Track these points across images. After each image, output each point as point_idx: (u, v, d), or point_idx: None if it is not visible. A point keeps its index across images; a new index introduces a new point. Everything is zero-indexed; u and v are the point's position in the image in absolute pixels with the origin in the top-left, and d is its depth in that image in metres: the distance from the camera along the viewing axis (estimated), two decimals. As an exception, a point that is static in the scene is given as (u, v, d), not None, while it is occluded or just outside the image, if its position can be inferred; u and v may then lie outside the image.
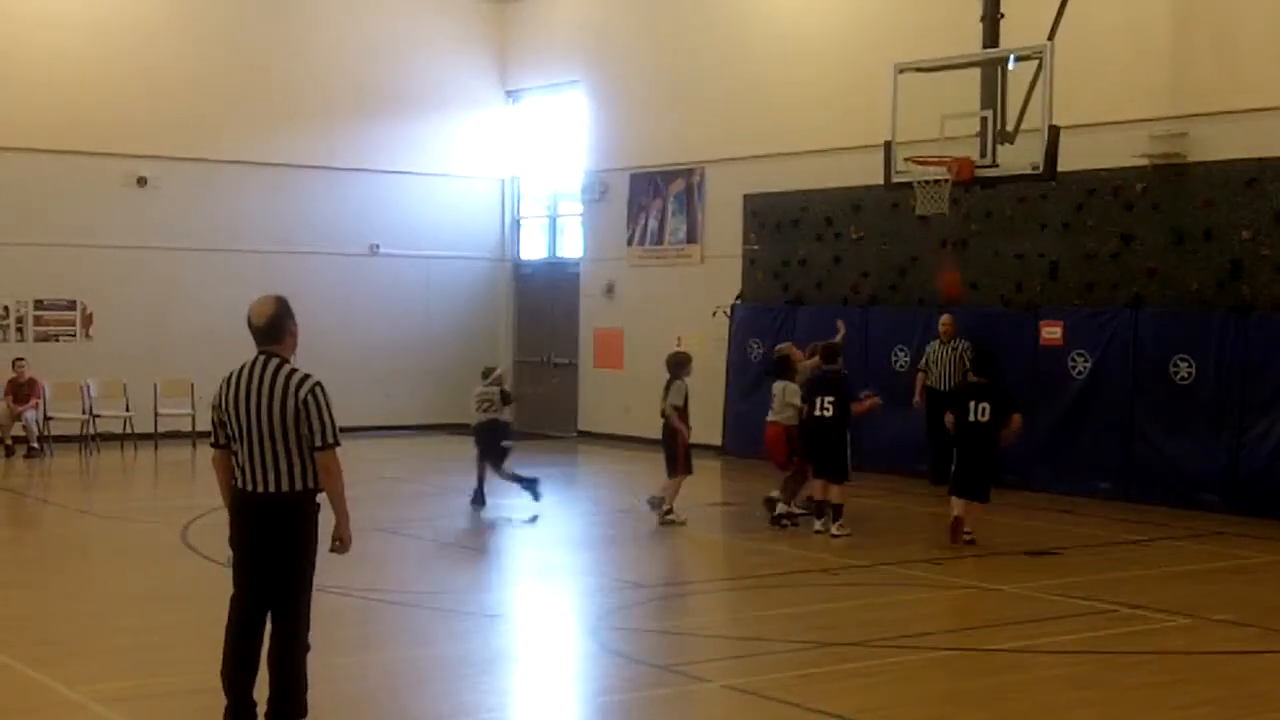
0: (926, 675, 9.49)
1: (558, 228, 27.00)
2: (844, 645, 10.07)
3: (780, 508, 15.11)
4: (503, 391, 17.33)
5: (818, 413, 14.78)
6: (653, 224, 24.20)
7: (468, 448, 17.06)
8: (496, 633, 10.86)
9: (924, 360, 18.66)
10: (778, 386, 15.35)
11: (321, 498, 7.64)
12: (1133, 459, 16.96)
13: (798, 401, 15.03)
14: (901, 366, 19.55)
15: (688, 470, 15.42)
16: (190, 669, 8.76)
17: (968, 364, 18.24)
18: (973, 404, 14.11)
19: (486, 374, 17.42)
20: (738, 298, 22.39)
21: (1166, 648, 10.22)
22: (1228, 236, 16.89)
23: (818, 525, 14.81)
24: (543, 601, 12.27)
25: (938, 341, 18.53)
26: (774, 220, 21.99)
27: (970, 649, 10.17)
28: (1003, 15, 17.16)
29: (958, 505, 14.22)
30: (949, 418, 14.40)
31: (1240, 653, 10.12)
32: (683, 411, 15.33)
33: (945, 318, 18.53)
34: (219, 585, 7.79)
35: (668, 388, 15.45)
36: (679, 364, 15.58)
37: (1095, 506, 16.88)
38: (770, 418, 15.37)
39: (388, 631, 10.67)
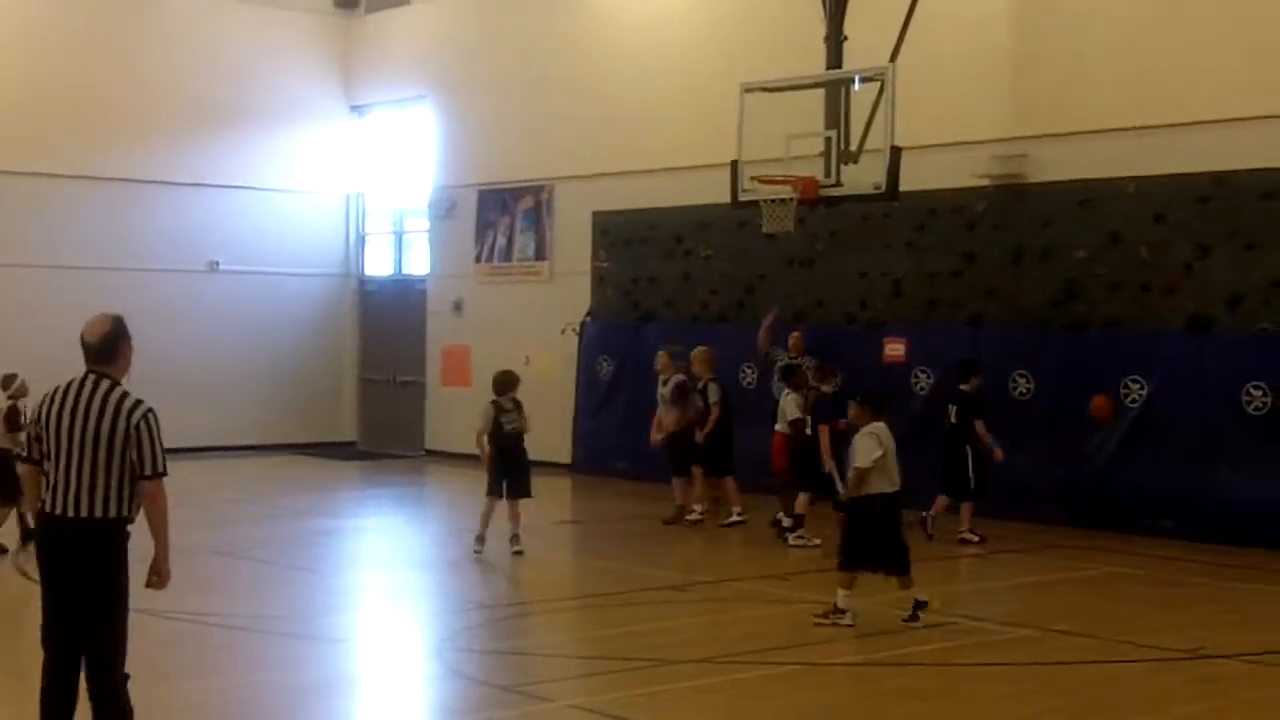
0: (772, 691, 9.50)
1: (404, 244, 26.75)
2: (690, 662, 10.05)
3: (785, 520, 15.53)
4: (11, 410, 13.90)
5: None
6: (501, 241, 24.09)
7: (312, 468, 16.76)
8: (339, 656, 10.67)
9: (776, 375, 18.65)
10: (785, 398, 15.79)
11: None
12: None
13: (798, 413, 15.55)
14: (750, 384, 19.64)
15: (490, 493, 14.64)
16: (8, 702, 8.45)
17: (809, 381, 18.45)
18: (949, 407, 15.71)
19: (5, 384, 14.28)
20: (587, 315, 22.37)
21: (1008, 659, 10.37)
22: (1064, 256, 17.26)
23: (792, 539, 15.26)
24: (386, 624, 12.09)
25: (786, 353, 18.55)
26: (623, 238, 22.01)
27: (815, 663, 10.21)
28: (846, 37, 17.36)
29: (939, 503, 15.60)
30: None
31: (1080, 663, 10.29)
32: (491, 436, 14.49)
33: (795, 334, 18.55)
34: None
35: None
36: (496, 385, 14.78)
37: (937, 521, 17.07)
38: (777, 427, 15.82)
39: (226, 657, 10.42)
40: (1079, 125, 17.15)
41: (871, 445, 11.14)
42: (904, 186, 16.38)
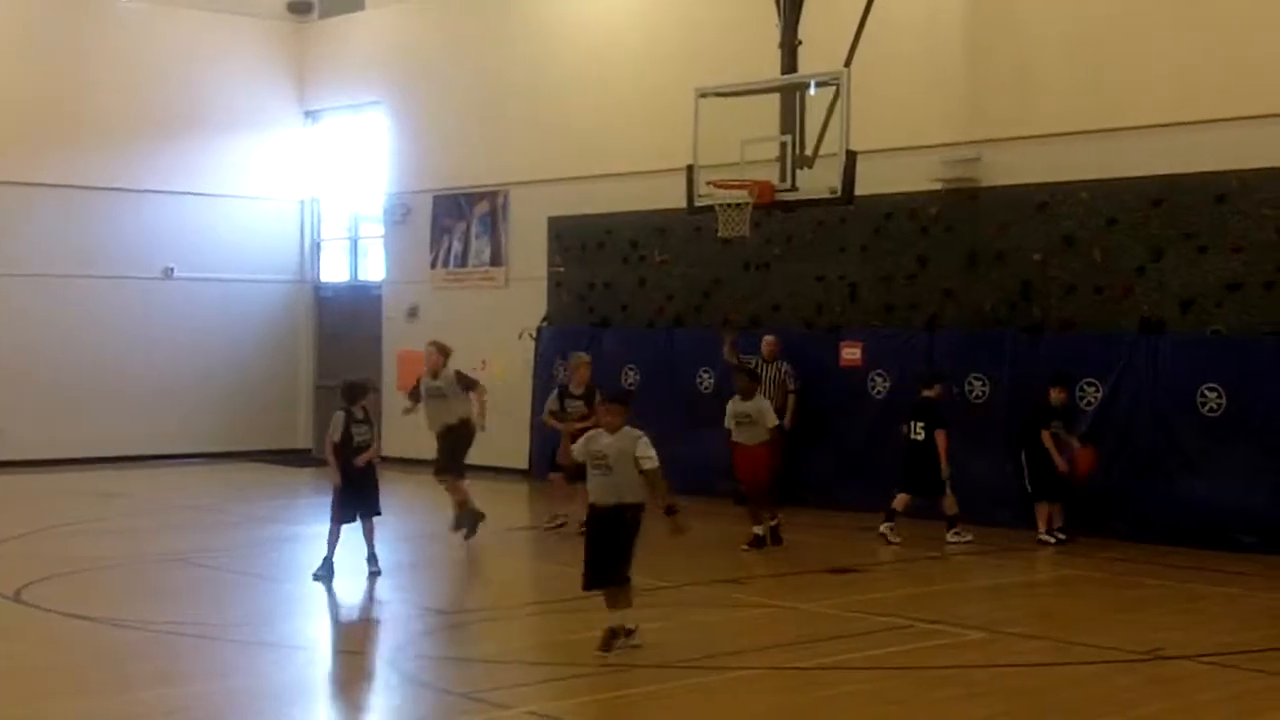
0: (732, 695, 9.49)
1: (359, 250, 26.66)
2: (649, 667, 10.02)
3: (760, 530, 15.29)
4: None
5: (912, 436, 15.92)
6: (457, 246, 24.03)
7: (267, 474, 16.64)
8: (295, 663, 10.60)
9: None
10: (753, 405, 15.19)
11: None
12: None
13: (777, 420, 15.46)
14: (706, 388, 19.66)
15: (339, 521, 13.66)
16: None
17: (790, 387, 18.32)
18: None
19: None
20: (544, 320, 22.33)
21: (965, 662, 10.39)
22: (1019, 259, 17.34)
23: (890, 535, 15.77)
24: (344, 631, 12.02)
25: (759, 359, 18.51)
26: (579, 243, 21.99)
27: (774, 668, 10.20)
28: (801, 42, 17.41)
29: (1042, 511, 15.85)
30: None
31: (1035, 665, 10.33)
32: (337, 447, 13.54)
33: (770, 337, 18.54)
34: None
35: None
36: (345, 393, 13.85)
37: (895, 523, 17.12)
38: (746, 439, 15.17)
39: (182, 666, 10.33)
40: (1031, 129, 17.26)
41: (650, 445, 10.25)
42: (859, 190, 16.45)
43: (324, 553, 13.56)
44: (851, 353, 18.43)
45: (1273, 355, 15.25)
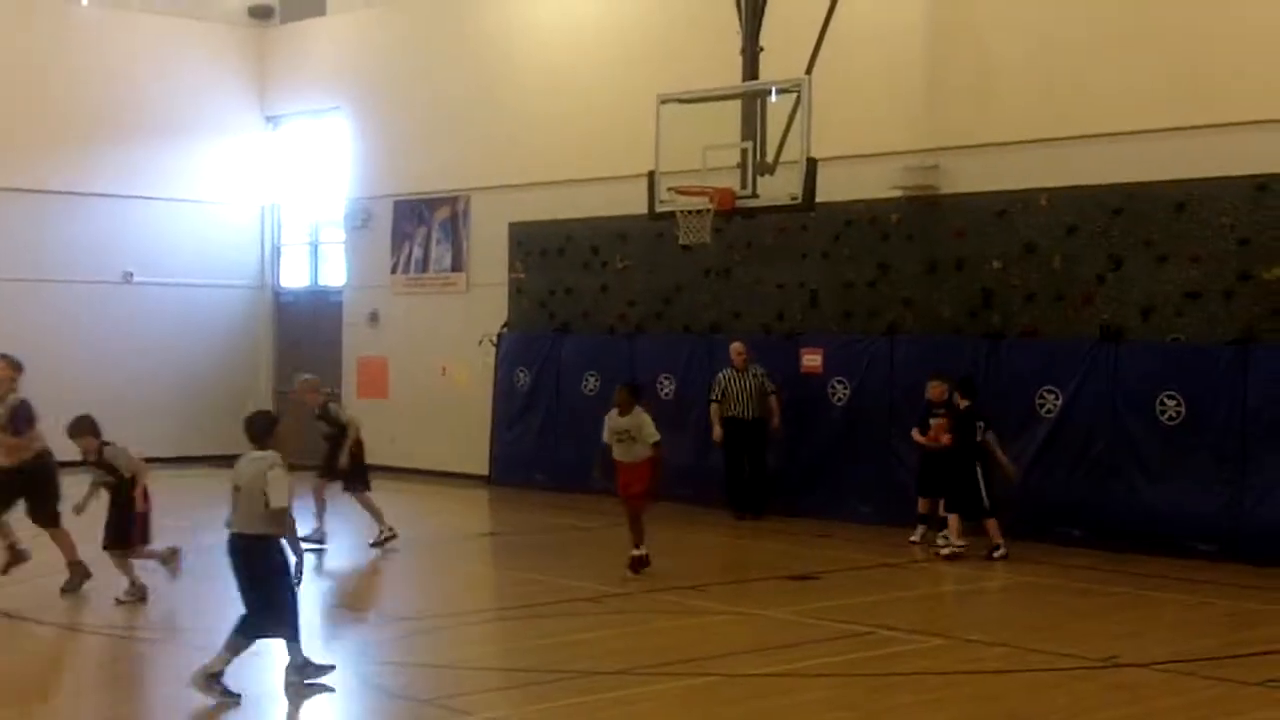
0: (690, 701, 9.48)
1: (319, 255, 26.56)
2: (608, 674, 10.00)
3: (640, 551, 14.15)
4: None
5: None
6: (417, 252, 23.95)
7: (226, 480, 16.43)
8: (253, 668, 10.52)
9: (718, 390, 18.47)
10: (630, 420, 14.06)
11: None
12: (891, 482, 17.31)
13: (658, 435, 14.12)
14: (667, 394, 19.64)
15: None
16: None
17: (769, 389, 18.31)
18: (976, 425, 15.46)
19: None
20: (504, 326, 22.29)
21: (923, 668, 10.40)
22: (979, 266, 17.39)
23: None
24: (301, 636, 11.92)
25: (732, 370, 18.47)
26: (540, 248, 21.96)
27: (733, 674, 10.19)
28: (762, 49, 17.43)
29: (952, 522, 15.44)
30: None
31: (992, 672, 10.35)
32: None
33: (738, 345, 18.48)
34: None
35: None
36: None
37: (855, 530, 17.17)
38: (625, 456, 14.08)
39: (140, 670, 10.29)
40: (992, 137, 17.31)
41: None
42: (820, 197, 16.47)
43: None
44: (812, 359, 18.45)
45: (1231, 364, 15.32)
